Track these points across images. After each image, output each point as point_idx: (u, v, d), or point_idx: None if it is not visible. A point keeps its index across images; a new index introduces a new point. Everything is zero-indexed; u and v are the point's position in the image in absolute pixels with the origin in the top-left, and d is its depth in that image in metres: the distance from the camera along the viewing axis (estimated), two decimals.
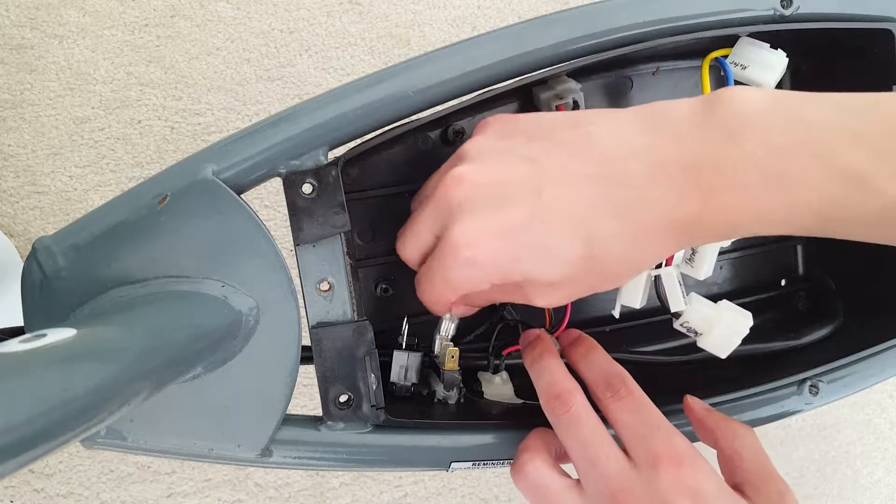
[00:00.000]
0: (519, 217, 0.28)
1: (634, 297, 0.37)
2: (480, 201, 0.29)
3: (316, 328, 0.33)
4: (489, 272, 0.29)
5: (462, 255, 0.29)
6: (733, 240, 0.42)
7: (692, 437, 0.35)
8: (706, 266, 0.37)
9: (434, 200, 0.30)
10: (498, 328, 0.40)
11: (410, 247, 0.33)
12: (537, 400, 0.34)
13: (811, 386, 0.38)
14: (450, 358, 0.38)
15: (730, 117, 0.26)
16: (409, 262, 0.34)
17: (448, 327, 0.37)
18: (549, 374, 0.33)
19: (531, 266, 0.29)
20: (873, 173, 0.25)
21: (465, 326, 0.40)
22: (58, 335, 0.23)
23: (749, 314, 0.37)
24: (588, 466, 0.30)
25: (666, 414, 0.36)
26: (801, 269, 0.47)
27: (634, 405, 0.31)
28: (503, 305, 0.41)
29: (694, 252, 0.37)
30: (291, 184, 0.33)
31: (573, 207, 0.28)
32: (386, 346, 0.38)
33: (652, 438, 0.30)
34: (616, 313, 0.39)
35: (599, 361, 0.34)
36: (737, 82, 0.37)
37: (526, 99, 0.41)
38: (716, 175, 0.26)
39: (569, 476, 0.32)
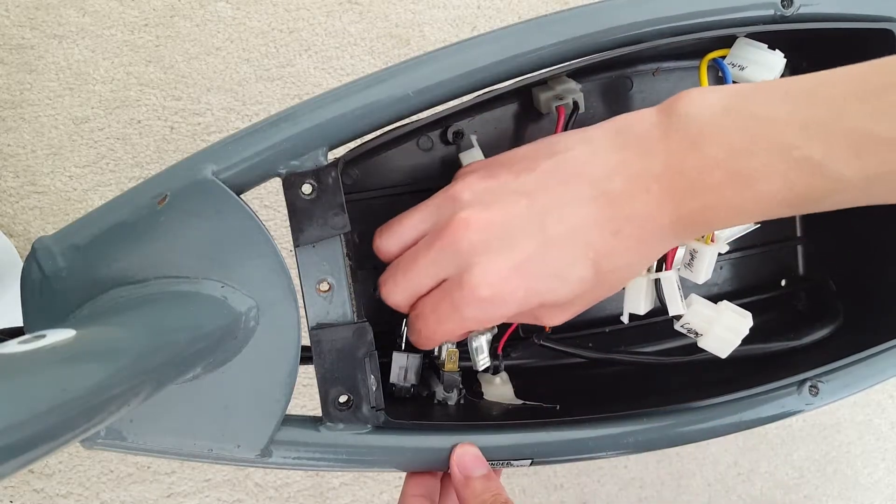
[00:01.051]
0: (530, 250, 0.29)
1: (637, 304, 0.38)
2: (491, 241, 0.30)
3: (316, 329, 0.33)
4: (510, 307, 0.30)
5: (482, 295, 0.30)
6: (730, 240, 0.42)
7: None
8: (704, 270, 0.37)
9: (439, 246, 0.31)
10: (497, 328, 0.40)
11: (402, 292, 0.33)
12: (537, 400, 0.34)
13: (811, 386, 0.38)
14: (449, 359, 0.38)
15: (689, 125, 0.28)
16: (398, 307, 0.34)
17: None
18: None
19: (547, 293, 0.30)
20: (827, 158, 0.26)
21: None
22: (57, 336, 0.23)
23: (749, 314, 0.37)
24: None
25: (661, 414, 0.36)
26: (801, 269, 0.47)
27: None
28: None
29: (693, 257, 0.37)
30: (291, 184, 0.33)
31: (576, 232, 0.29)
32: (385, 347, 0.38)
33: None
34: (625, 319, 0.39)
35: None
36: (735, 83, 0.37)
37: (526, 99, 0.41)
38: (684, 181, 0.28)
39: None
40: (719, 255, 0.38)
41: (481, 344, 0.38)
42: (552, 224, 0.29)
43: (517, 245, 0.29)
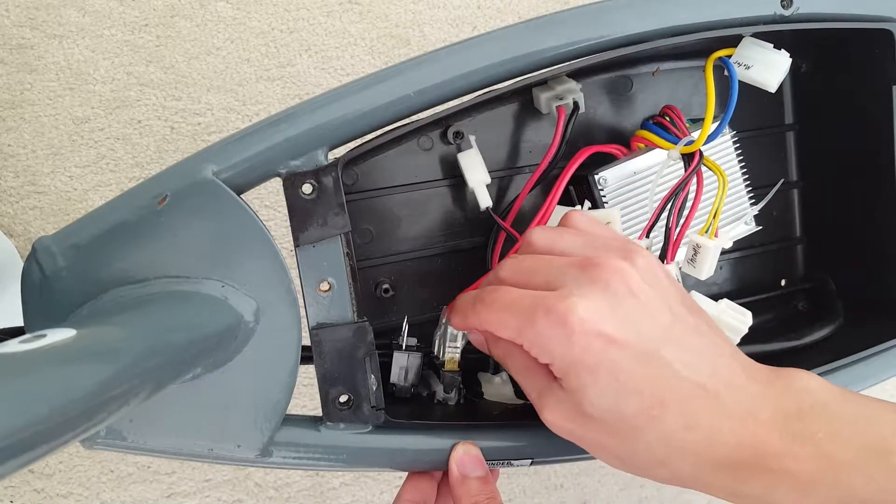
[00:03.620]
0: (632, 344, 0.28)
1: None
2: (620, 301, 0.28)
3: (316, 329, 0.33)
4: (563, 353, 0.28)
5: (568, 319, 0.27)
6: (734, 240, 0.42)
7: None
8: (707, 266, 0.37)
9: (583, 265, 0.29)
10: None
11: (513, 269, 0.32)
12: None
13: None
14: (450, 359, 0.38)
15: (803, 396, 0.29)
16: (493, 276, 0.32)
17: (456, 339, 0.37)
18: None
19: (596, 386, 0.28)
20: None
21: None
22: (57, 335, 0.23)
23: (748, 313, 0.37)
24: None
25: None
26: (801, 269, 0.47)
27: None
28: None
29: (696, 253, 0.37)
30: (291, 184, 0.33)
31: (672, 390, 0.28)
32: (386, 346, 0.38)
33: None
34: None
35: None
36: (740, 82, 0.37)
37: (526, 99, 0.41)
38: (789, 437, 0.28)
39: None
40: (721, 252, 0.38)
41: (458, 333, 0.37)
42: (664, 357, 0.28)
43: (629, 330, 0.28)
